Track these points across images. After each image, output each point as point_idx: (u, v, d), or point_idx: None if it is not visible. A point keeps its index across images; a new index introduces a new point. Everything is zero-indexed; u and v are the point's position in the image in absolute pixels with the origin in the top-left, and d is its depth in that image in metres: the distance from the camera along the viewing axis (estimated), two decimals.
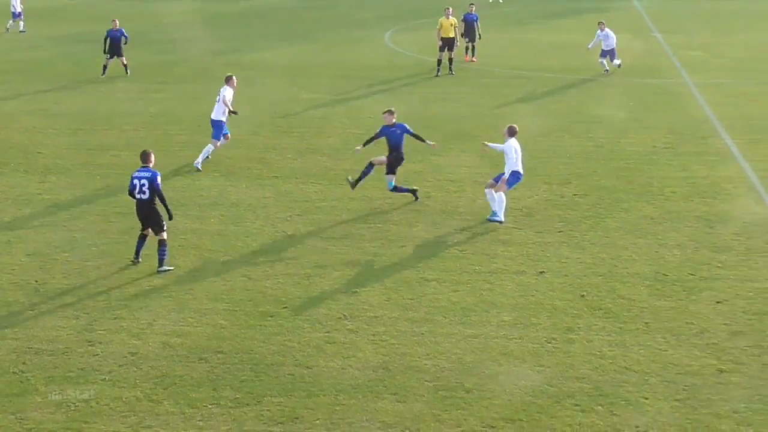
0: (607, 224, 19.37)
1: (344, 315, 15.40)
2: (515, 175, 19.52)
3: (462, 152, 24.62)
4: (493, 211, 19.46)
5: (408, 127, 20.85)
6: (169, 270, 17.17)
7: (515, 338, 14.61)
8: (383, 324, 15.10)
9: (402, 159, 20.70)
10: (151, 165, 17.49)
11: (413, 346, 14.39)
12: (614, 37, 34.47)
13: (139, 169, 17.43)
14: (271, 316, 15.38)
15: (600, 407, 12.59)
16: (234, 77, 24.21)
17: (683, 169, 22.93)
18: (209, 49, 40.58)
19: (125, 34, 34.80)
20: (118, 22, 35.14)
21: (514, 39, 43.47)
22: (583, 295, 16.07)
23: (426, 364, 13.79)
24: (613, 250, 17.96)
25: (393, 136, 20.66)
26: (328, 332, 14.84)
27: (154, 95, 32.17)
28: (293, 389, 13.11)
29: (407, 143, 20.87)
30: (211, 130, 23.71)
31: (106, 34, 34.61)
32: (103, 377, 13.41)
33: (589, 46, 34.92)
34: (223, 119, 23.54)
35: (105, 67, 34.75)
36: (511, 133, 19.91)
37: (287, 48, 41.97)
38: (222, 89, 23.72)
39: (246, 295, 16.23)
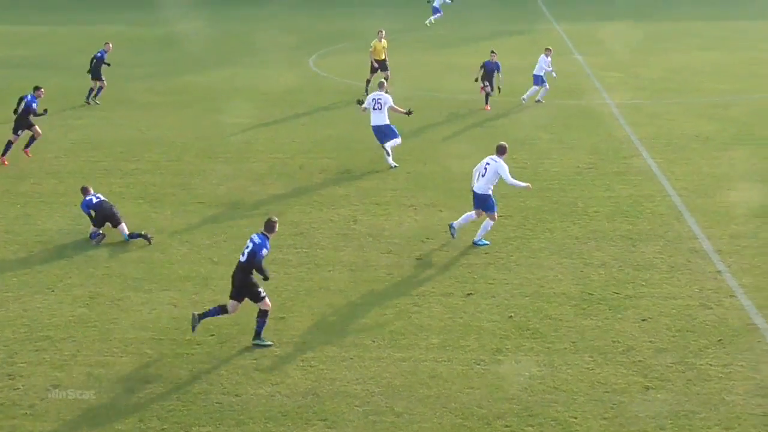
0: (533, 245, 19.52)
1: (272, 341, 15.26)
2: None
3: (388, 175, 24.65)
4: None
5: None
6: (267, 345, 15.20)
7: (444, 361, 14.62)
8: (312, 349, 15.01)
9: None
10: (271, 235, 15.39)
11: (342, 370, 14.32)
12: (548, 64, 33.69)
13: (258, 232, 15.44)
14: (198, 344, 15.18)
15: (530, 428, 12.65)
16: None
17: (606, 188, 23.24)
18: (130, 75, 40.13)
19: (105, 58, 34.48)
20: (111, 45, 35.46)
21: (439, 62, 43.75)
22: (510, 316, 16.15)
23: (355, 389, 13.73)
24: (539, 271, 18.10)
25: None
26: (255, 359, 14.70)
27: (74, 122, 31.67)
28: (222, 418, 12.95)
29: (333, 161, 20.83)
30: None
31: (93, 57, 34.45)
32: (24, 411, 13.11)
33: (553, 74, 34.21)
34: None
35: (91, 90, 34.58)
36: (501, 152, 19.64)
37: (210, 73, 41.70)
38: None
39: (172, 323, 16.01)
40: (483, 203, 19.46)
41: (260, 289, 15.17)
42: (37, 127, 26.53)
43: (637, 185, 23.45)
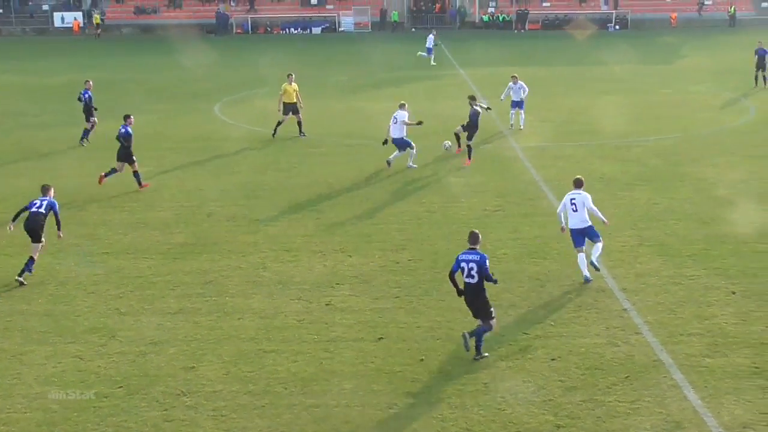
0: (443, 288, 19.57)
1: (182, 391, 15.03)
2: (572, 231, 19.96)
3: (296, 222, 24.59)
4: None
5: None
6: (485, 356, 16.06)
7: (356, 405, 14.55)
8: (223, 398, 14.81)
9: None
10: (478, 247, 16.28)
11: (254, 419, 14.16)
12: (526, 89, 37.47)
13: (466, 251, 16.25)
14: (106, 397, 14.87)
15: None
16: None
17: (513, 230, 23.52)
18: (32, 124, 39.43)
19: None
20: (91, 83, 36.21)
21: (345, 107, 43.98)
22: (422, 359, 16.17)
23: None
24: (449, 313, 18.18)
25: None
26: (166, 410, 14.45)
27: None
28: None
29: (241, 208, 20.69)
30: None
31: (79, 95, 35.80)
32: None
33: (501, 98, 37.87)
34: None
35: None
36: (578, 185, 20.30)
37: (114, 121, 41.09)
38: None
39: (78, 376, 15.65)
40: (589, 233, 19.87)
41: (492, 308, 16.14)
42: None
43: (544, 226, 23.78)
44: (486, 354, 16.09)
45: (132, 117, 28.92)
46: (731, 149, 33.15)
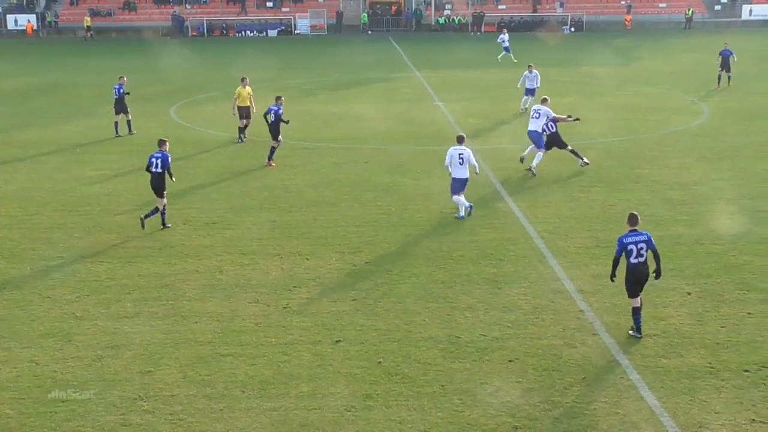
0: (400, 290, 19.63)
1: (139, 396, 14.91)
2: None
3: (252, 225, 24.49)
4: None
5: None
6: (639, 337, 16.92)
7: (315, 409, 14.52)
8: (180, 403, 14.71)
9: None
10: (639, 227, 16.93)
11: (212, 423, 14.07)
12: (540, 78, 41.96)
13: (629, 233, 16.83)
14: (63, 402, 14.71)
15: None
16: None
17: (470, 233, 23.58)
18: None
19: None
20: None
21: (302, 110, 43.87)
22: (379, 362, 16.17)
23: None
24: (407, 316, 18.19)
25: None
26: (123, 414, 14.32)
27: None
28: None
29: (197, 211, 20.53)
30: None
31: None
32: None
33: (519, 86, 42.25)
34: None
35: (116, 123, 37.68)
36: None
37: (69, 125, 40.87)
38: None
39: (34, 381, 15.46)
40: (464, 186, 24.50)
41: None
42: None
43: (500, 229, 23.88)
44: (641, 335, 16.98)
45: (282, 98, 31.98)
46: (685, 151, 33.50)
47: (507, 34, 68.11)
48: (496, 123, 40.09)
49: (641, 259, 16.68)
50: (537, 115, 30.38)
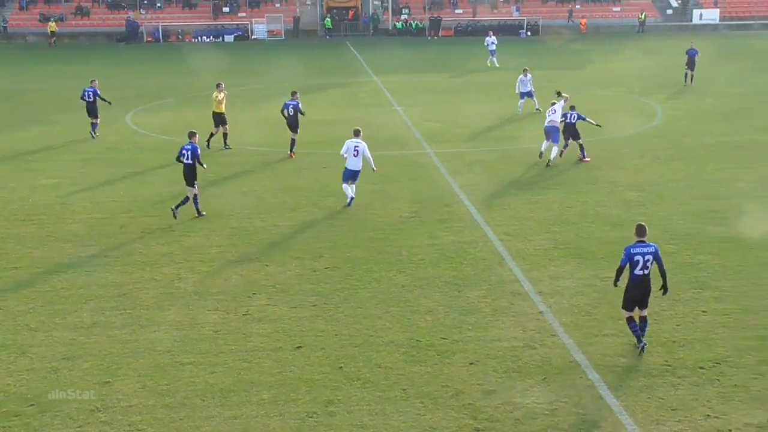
0: (360, 295, 19.63)
1: (97, 407, 14.77)
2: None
3: (211, 231, 24.37)
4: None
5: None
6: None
7: (276, 415, 14.47)
8: (139, 413, 14.59)
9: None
10: (646, 239, 16.56)
11: None
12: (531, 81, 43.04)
13: (636, 244, 16.41)
14: (16, 416, 14.52)
15: None
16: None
17: (430, 236, 23.63)
18: None
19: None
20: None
21: (259, 116, 43.74)
22: (341, 367, 16.15)
23: None
24: (368, 320, 18.19)
25: None
26: (80, 426, 14.18)
27: None
28: None
29: (155, 219, 20.36)
30: None
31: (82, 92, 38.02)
32: None
33: (516, 91, 43.45)
34: None
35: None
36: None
37: (21, 132, 40.40)
38: None
39: None
40: (355, 177, 26.34)
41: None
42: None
43: (460, 232, 23.96)
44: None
45: (297, 93, 34.69)
46: (640, 152, 33.81)
47: (494, 37, 66.87)
48: (454, 127, 40.19)
49: (646, 272, 16.24)
50: (554, 111, 31.69)
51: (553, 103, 32.29)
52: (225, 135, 35.22)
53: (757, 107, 44.65)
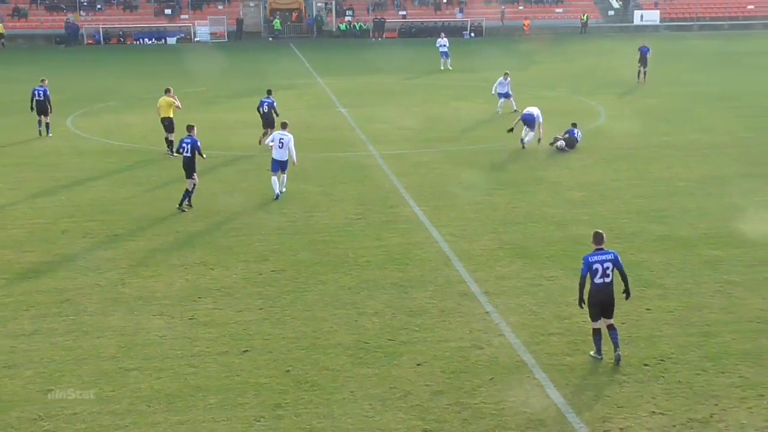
0: (307, 297, 19.56)
1: (39, 416, 14.51)
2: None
3: (155, 236, 24.13)
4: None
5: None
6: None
7: (223, 420, 14.35)
8: (83, 420, 14.38)
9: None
10: (604, 246, 16.17)
11: None
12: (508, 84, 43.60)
13: (594, 252, 15.99)
14: None
15: None
16: None
17: (376, 238, 23.63)
18: None
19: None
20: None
21: (203, 118, 43.40)
22: (288, 370, 16.07)
23: None
24: (315, 323, 18.13)
25: None
26: None
27: None
28: None
29: (98, 224, 20.10)
30: None
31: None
32: None
33: (493, 92, 44.16)
34: None
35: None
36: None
37: None
38: None
39: None
40: (283, 166, 27.42)
41: None
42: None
43: (406, 233, 23.98)
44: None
45: (272, 92, 36.67)
46: (585, 152, 34.11)
47: (446, 39, 66.31)
48: (399, 128, 40.26)
49: (606, 280, 15.81)
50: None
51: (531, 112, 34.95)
52: (170, 142, 34.40)
53: (698, 107, 45.35)
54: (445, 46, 65.04)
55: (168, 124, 34.36)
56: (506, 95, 43.87)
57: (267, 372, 16.02)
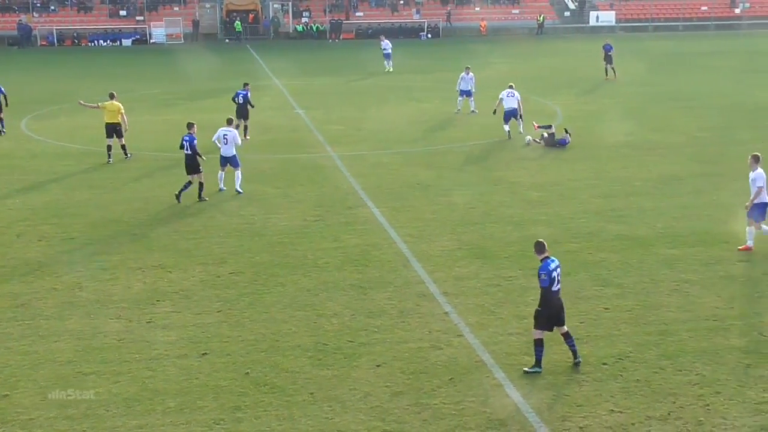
0: (266, 300, 19.49)
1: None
2: None
3: (112, 239, 23.94)
4: None
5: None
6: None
7: (182, 423, 14.26)
8: (40, 426, 14.22)
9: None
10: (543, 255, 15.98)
11: None
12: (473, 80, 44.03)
13: (549, 260, 15.78)
14: None
15: None
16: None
17: (334, 240, 23.59)
18: None
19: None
20: None
21: (160, 121, 43.18)
22: (247, 373, 15.99)
23: None
24: (273, 325, 18.06)
25: None
26: None
27: None
28: None
29: (53, 227, 19.88)
30: None
31: None
32: None
33: (457, 88, 44.40)
34: None
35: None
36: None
37: None
38: None
39: None
40: (232, 162, 28.43)
41: None
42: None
43: (364, 234, 23.97)
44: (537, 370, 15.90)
45: (249, 84, 38.09)
46: (542, 153, 34.30)
47: (387, 41, 66.50)
48: (356, 129, 40.26)
49: (559, 286, 15.86)
50: (512, 95, 37.59)
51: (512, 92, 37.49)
52: (123, 147, 33.77)
53: (652, 107, 45.77)
54: (387, 48, 65.21)
55: (119, 129, 33.24)
56: (468, 93, 44.00)
57: (226, 375, 15.94)
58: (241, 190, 28.28)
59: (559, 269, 15.88)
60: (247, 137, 36.67)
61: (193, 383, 15.64)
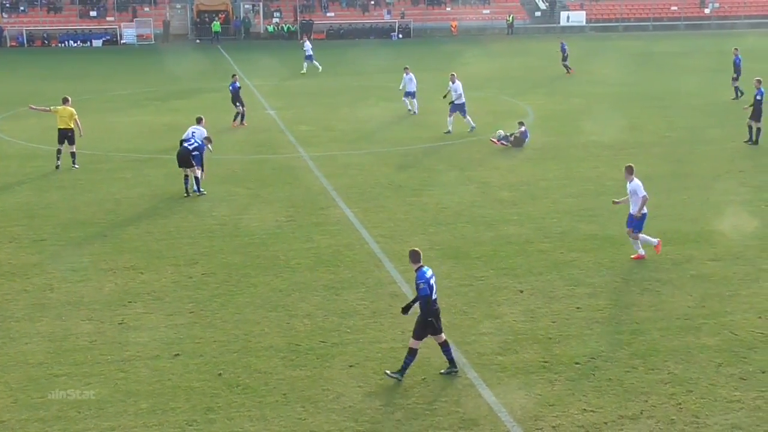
0: (238, 300, 19.44)
1: None
2: None
3: (83, 240, 23.81)
4: None
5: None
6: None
7: (155, 425, 14.21)
8: (11, 428, 14.14)
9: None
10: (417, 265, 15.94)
11: None
12: (414, 80, 43.75)
13: (425, 268, 15.73)
14: None
15: None
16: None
17: (307, 240, 23.57)
18: None
19: None
20: None
21: (130, 121, 42.97)
22: (220, 374, 15.96)
23: None
24: (246, 326, 18.03)
25: None
26: None
27: None
28: None
29: (23, 228, 19.73)
30: None
31: None
32: None
33: (400, 88, 44.34)
34: None
35: None
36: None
37: None
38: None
39: None
40: (196, 159, 28.14)
41: None
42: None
43: (336, 235, 23.97)
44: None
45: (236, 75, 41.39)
46: (513, 152, 34.42)
47: (309, 42, 66.51)
48: (327, 130, 40.23)
49: (437, 295, 15.85)
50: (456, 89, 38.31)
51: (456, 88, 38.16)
52: (72, 154, 32.39)
53: (622, 106, 46.01)
54: (308, 50, 64.89)
55: (71, 136, 31.92)
56: (412, 94, 43.92)
57: (198, 376, 15.90)
58: (199, 191, 28.36)
59: (434, 277, 15.76)
60: (244, 123, 40.76)
61: (165, 384, 15.59)
